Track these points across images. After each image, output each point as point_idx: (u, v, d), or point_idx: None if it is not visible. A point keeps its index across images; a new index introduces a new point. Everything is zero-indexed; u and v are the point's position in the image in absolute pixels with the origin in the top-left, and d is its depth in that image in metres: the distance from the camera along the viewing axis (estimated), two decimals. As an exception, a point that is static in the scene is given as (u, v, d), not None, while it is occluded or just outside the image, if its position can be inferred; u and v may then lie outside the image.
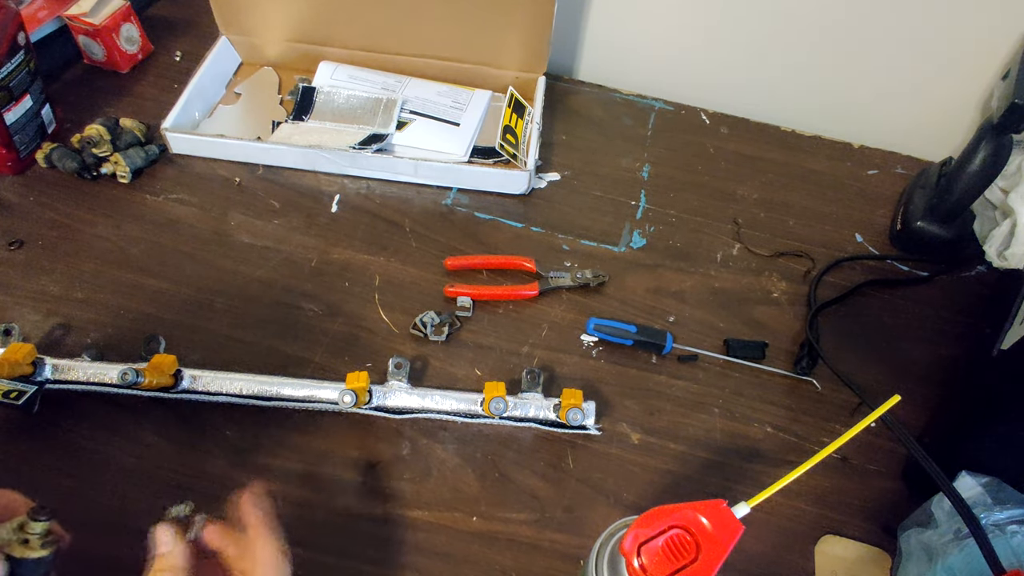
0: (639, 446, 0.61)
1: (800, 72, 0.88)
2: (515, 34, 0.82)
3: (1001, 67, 0.80)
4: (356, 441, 0.59)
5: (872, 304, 0.73)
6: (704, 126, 0.89)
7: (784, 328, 0.70)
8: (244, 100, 0.85)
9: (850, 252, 0.77)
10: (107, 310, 0.65)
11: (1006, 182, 0.76)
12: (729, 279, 0.74)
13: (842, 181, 0.85)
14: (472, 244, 0.74)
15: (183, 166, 0.78)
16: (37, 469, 0.56)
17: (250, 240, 0.72)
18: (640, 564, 0.36)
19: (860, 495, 0.60)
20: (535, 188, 0.80)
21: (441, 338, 0.66)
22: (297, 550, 0.53)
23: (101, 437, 0.58)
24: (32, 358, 0.58)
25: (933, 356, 0.70)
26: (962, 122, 0.86)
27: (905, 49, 0.82)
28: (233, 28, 0.86)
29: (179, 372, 0.59)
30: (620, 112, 0.90)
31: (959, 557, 0.48)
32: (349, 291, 0.69)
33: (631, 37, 0.90)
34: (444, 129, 0.82)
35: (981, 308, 0.74)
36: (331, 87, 0.84)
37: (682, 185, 0.82)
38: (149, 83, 0.86)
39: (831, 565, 0.56)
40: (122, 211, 0.73)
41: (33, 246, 0.70)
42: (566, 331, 0.68)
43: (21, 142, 0.73)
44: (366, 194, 0.77)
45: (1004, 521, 0.49)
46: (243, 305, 0.67)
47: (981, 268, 0.77)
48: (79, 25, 0.83)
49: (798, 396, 0.66)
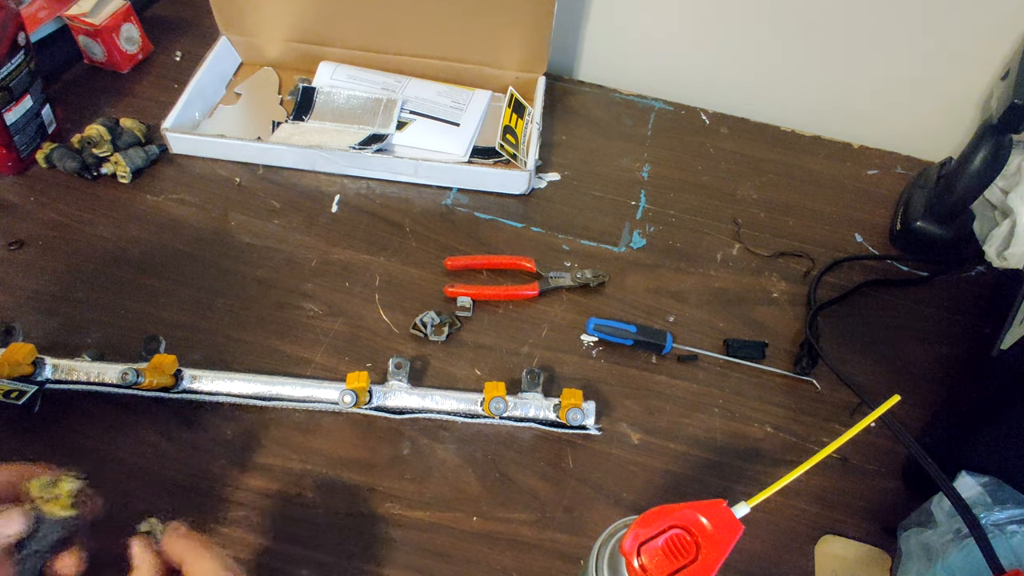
0: (639, 446, 0.61)
1: (800, 72, 0.88)
2: (515, 34, 0.82)
3: (1001, 67, 0.80)
4: (356, 441, 0.59)
5: (872, 304, 0.73)
6: (704, 126, 0.89)
7: (784, 328, 0.70)
8: (244, 100, 0.85)
9: (850, 252, 0.77)
10: (107, 310, 0.65)
11: (1006, 182, 0.76)
12: (729, 279, 0.74)
13: (842, 181, 0.85)
14: (472, 244, 0.74)
15: (183, 166, 0.78)
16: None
17: (250, 240, 0.72)
18: (640, 564, 0.36)
19: (860, 495, 0.60)
20: (535, 188, 0.80)
21: (441, 338, 0.66)
22: (297, 549, 0.54)
23: (102, 437, 0.58)
24: (32, 358, 0.58)
25: (933, 356, 0.70)
26: (962, 122, 0.86)
27: (905, 49, 0.82)
28: (233, 28, 0.86)
29: (179, 372, 0.59)
30: (620, 112, 0.90)
31: (959, 557, 0.48)
32: (349, 291, 0.69)
33: (631, 37, 0.90)
34: (444, 129, 0.82)
35: (981, 308, 0.74)
36: (331, 87, 0.84)
37: (682, 185, 0.82)
38: (149, 83, 0.86)
39: (831, 565, 0.56)
40: (122, 211, 0.73)
41: (33, 246, 0.70)
42: (566, 331, 0.68)
43: (21, 142, 0.73)
44: (366, 194, 0.77)
45: (1004, 521, 0.49)
46: (243, 305, 0.67)
47: (981, 268, 0.77)
48: (79, 25, 0.83)
49: (798, 396, 0.66)
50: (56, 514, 0.38)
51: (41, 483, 0.38)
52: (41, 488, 0.38)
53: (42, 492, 0.38)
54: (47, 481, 0.39)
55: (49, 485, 0.38)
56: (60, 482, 0.39)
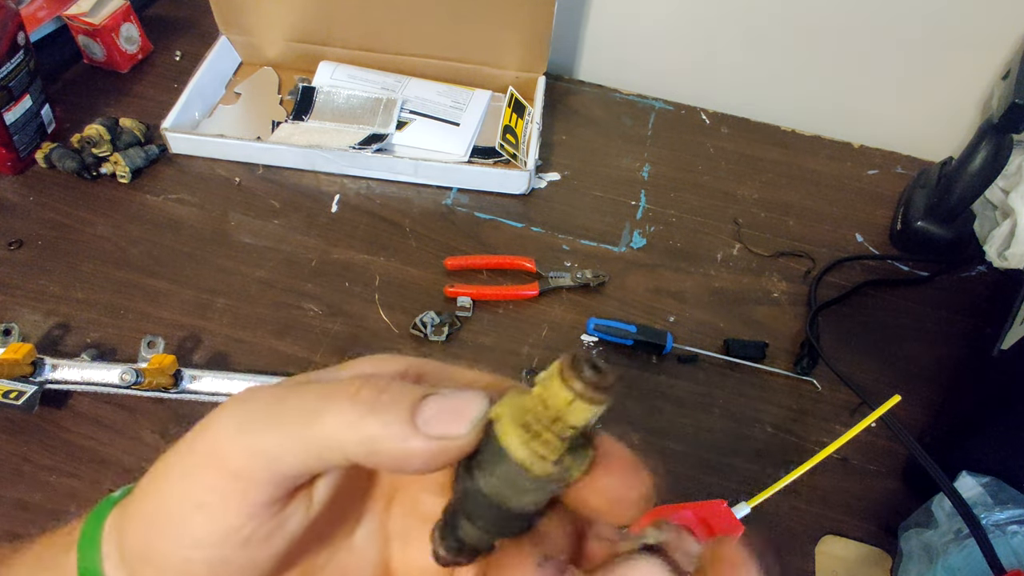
0: (639, 446, 0.61)
1: (800, 72, 0.88)
2: (515, 34, 0.82)
3: (1001, 67, 0.80)
4: (356, 441, 0.59)
5: (872, 304, 0.73)
6: (704, 126, 0.89)
7: (784, 328, 0.70)
8: (244, 100, 0.85)
9: (850, 252, 0.77)
10: (107, 310, 0.65)
11: (1006, 182, 0.76)
12: (729, 279, 0.74)
13: (842, 181, 0.85)
14: (472, 244, 0.74)
15: (183, 166, 0.78)
16: (37, 469, 0.56)
17: (250, 240, 0.72)
18: (640, 564, 0.36)
19: (860, 495, 0.60)
20: (535, 188, 0.80)
21: (441, 338, 0.66)
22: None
23: (101, 437, 0.58)
24: (32, 358, 0.57)
25: (933, 356, 0.70)
26: (962, 122, 0.86)
27: (905, 49, 0.82)
28: (233, 28, 0.86)
29: (179, 372, 0.59)
30: (620, 112, 0.90)
31: (960, 557, 0.48)
32: (349, 291, 0.69)
33: (631, 37, 0.90)
34: (444, 129, 0.82)
35: (981, 308, 0.74)
36: (331, 87, 0.84)
37: (682, 185, 0.82)
38: (149, 83, 0.86)
39: (831, 565, 0.56)
40: (122, 211, 0.73)
41: (33, 246, 0.70)
42: (566, 331, 0.68)
43: (21, 142, 0.73)
44: (366, 194, 0.77)
45: (1004, 521, 0.49)
46: (243, 305, 0.67)
47: (981, 268, 0.77)
48: (79, 25, 0.83)
49: (798, 396, 0.66)
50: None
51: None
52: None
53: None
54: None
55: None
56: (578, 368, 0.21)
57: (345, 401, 0.20)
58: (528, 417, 0.20)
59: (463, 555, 0.22)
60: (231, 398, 0.22)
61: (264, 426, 0.20)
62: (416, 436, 0.20)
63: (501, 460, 0.20)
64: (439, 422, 0.20)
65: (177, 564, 0.21)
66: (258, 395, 0.21)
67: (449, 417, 0.20)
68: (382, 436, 0.20)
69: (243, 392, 0.22)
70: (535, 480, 0.20)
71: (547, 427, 0.20)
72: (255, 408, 0.21)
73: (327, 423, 0.20)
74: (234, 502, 0.20)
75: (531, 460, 0.19)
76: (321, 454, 0.20)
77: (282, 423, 0.20)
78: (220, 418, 0.21)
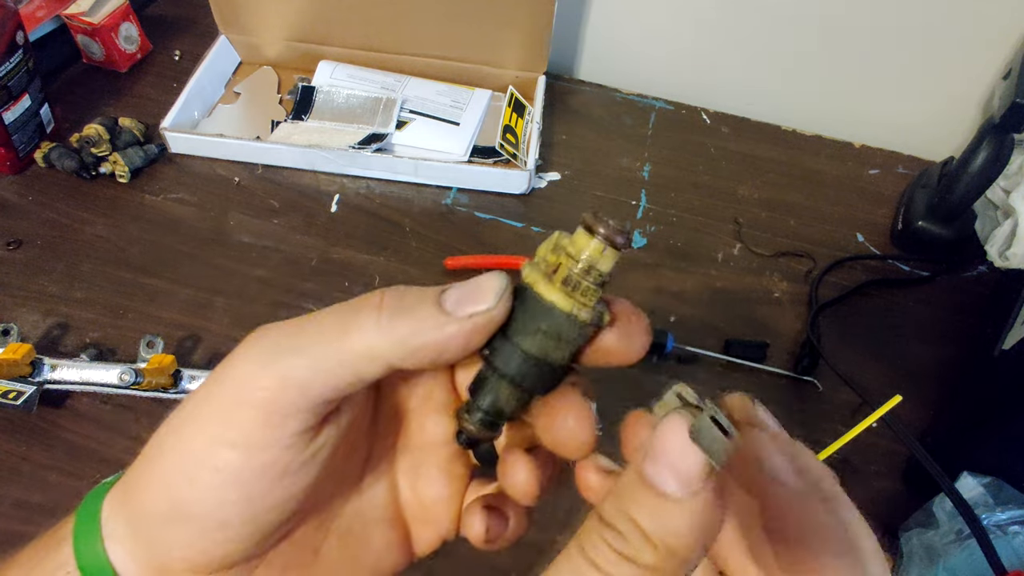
0: (640, 446, 0.61)
1: (801, 71, 0.88)
2: (515, 34, 0.82)
3: (1002, 66, 0.80)
4: (356, 441, 0.59)
5: (873, 304, 0.73)
6: (705, 126, 0.89)
7: (785, 328, 0.70)
8: (243, 100, 0.85)
9: (851, 252, 0.77)
10: (106, 310, 0.65)
11: (1007, 182, 0.76)
12: (730, 279, 0.74)
13: (843, 181, 0.85)
14: (472, 244, 0.74)
15: (182, 166, 0.78)
16: (37, 469, 0.56)
17: (250, 240, 0.72)
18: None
19: (861, 495, 0.59)
20: (535, 188, 0.79)
21: (441, 338, 0.65)
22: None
23: (100, 437, 0.58)
24: (31, 358, 0.57)
25: (934, 356, 0.70)
26: (963, 122, 0.86)
27: (906, 48, 0.82)
28: (232, 27, 0.86)
29: (178, 372, 0.59)
30: (620, 112, 0.89)
31: (961, 558, 0.48)
32: (349, 291, 0.69)
33: (631, 37, 0.90)
34: (444, 129, 0.82)
35: (982, 308, 0.73)
36: (330, 86, 0.84)
37: (683, 185, 0.82)
38: (148, 82, 0.86)
39: (832, 566, 0.56)
40: (121, 211, 0.73)
41: (32, 246, 0.69)
42: (566, 331, 0.68)
43: (20, 141, 0.73)
44: (366, 194, 0.77)
45: (1006, 522, 0.48)
46: (242, 305, 0.67)
47: (982, 268, 0.77)
48: (78, 24, 0.82)
49: (799, 396, 0.66)
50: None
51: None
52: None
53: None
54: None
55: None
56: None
57: (372, 311, 0.21)
58: (560, 275, 0.22)
59: (490, 428, 0.24)
60: (245, 339, 0.22)
61: (292, 353, 0.21)
62: (449, 321, 0.21)
63: (546, 315, 0.22)
64: (467, 302, 0.21)
65: (210, 510, 0.21)
66: (274, 329, 0.22)
67: (474, 296, 0.21)
68: (417, 330, 0.20)
69: (256, 331, 0.22)
70: (581, 327, 0.22)
71: (582, 277, 0.22)
72: (276, 339, 0.21)
73: (358, 336, 0.20)
74: (269, 435, 0.20)
75: (577, 308, 0.22)
76: (357, 368, 0.21)
77: (311, 346, 0.21)
78: (243, 355, 0.21)
